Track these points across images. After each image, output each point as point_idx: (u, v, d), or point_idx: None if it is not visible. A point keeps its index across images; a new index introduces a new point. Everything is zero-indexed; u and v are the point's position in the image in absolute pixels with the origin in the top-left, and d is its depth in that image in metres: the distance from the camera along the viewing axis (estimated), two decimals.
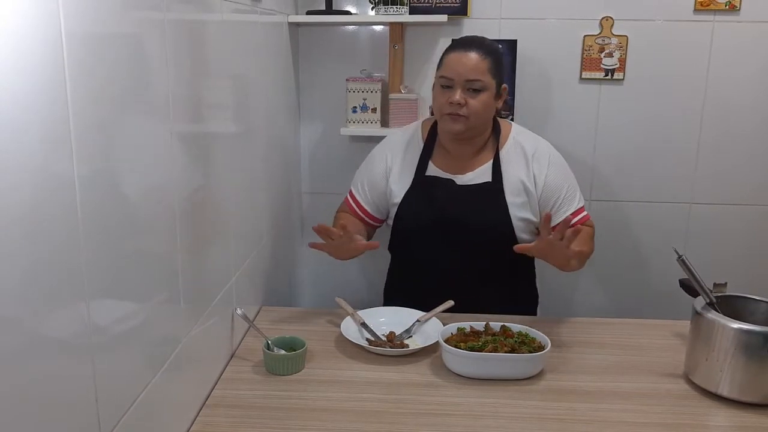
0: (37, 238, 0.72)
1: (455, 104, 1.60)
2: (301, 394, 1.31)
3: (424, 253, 1.74)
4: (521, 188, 1.69)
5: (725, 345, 1.26)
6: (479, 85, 1.60)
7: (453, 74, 1.61)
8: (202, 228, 1.27)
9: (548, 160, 1.71)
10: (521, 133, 1.77)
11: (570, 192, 1.72)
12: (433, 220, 1.70)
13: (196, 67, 1.22)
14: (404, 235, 1.76)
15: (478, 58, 1.61)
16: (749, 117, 2.20)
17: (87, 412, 0.84)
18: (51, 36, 0.74)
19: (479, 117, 1.63)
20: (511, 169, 1.70)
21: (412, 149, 1.77)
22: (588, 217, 1.76)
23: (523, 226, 1.70)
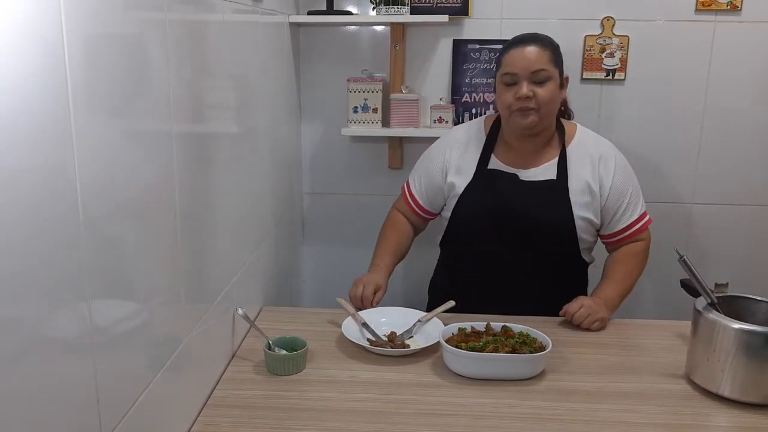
0: (39, 239, 0.72)
1: (523, 98, 1.59)
2: (302, 394, 1.31)
3: (482, 246, 1.73)
4: (586, 189, 1.68)
5: (726, 345, 1.25)
6: (544, 75, 1.60)
7: (517, 68, 1.60)
8: (203, 228, 1.27)
9: (614, 163, 1.71)
10: (586, 133, 1.76)
11: (634, 197, 1.72)
12: (495, 213, 1.69)
13: (197, 68, 1.22)
14: (462, 227, 1.74)
15: (539, 50, 1.61)
16: (751, 117, 2.20)
17: (88, 412, 0.84)
18: (52, 36, 0.74)
19: (549, 107, 1.63)
20: (576, 168, 1.69)
21: (474, 143, 1.77)
22: (649, 222, 1.75)
23: (584, 225, 1.69)
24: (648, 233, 1.77)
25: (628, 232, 1.72)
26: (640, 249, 1.74)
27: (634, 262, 1.73)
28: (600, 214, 1.71)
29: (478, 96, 2.24)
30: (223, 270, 1.41)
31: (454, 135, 1.82)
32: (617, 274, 1.71)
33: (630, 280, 1.72)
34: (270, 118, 1.84)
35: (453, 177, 1.75)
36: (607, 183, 1.69)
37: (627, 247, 1.75)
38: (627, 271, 1.72)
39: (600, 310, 1.60)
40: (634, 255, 1.74)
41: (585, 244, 1.73)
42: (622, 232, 1.72)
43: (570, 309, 1.58)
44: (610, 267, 1.75)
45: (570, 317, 1.58)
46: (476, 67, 2.22)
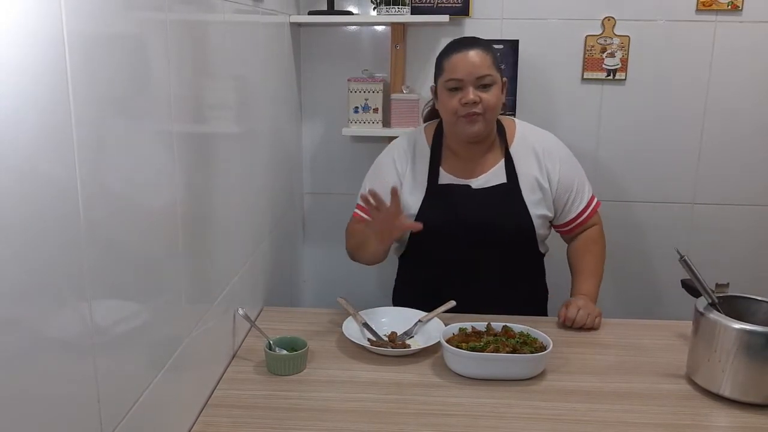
0: (39, 239, 0.72)
1: (470, 104, 1.59)
2: (303, 394, 1.31)
3: (443, 258, 1.72)
4: (536, 185, 1.70)
5: (727, 345, 1.25)
6: (490, 79, 1.60)
7: (462, 74, 1.59)
8: (203, 228, 1.27)
9: (558, 155, 1.73)
10: (527, 128, 1.77)
11: (580, 184, 1.75)
12: (454, 227, 1.68)
13: (198, 68, 1.22)
14: (423, 244, 1.73)
15: (482, 54, 1.61)
16: (752, 116, 2.20)
17: (89, 412, 0.84)
18: (53, 36, 0.74)
19: (495, 112, 1.64)
20: (523, 167, 1.70)
21: (419, 157, 1.74)
22: (598, 205, 1.79)
23: (540, 222, 1.71)
24: (598, 217, 1.80)
25: (579, 219, 1.76)
26: (596, 234, 1.79)
27: (597, 249, 1.77)
28: (552, 207, 1.73)
29: None
30: (223, 270, 1.41)
31: (398, 148, 1.78)
32: (588, 265, 1.74)
33: (599, 267, 1.76)
34: (270, 118, 1.84)
35: (406, 195, 1.72)
36: (554, 176, 1.71)
37: (583, 235, 1.78)
38: (594, 260, 1.75)
39: (592, 306, 1.63)
40: (593, 241, 1.77)
41: (541, 238, 1.76)
42: (574, 221, 1.76)
43: (570, 315, 1.59)
44: (578, 260, 1.77)
45: (572, 323, 1.59)
46: None
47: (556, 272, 1.90)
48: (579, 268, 1.75)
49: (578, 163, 1.78)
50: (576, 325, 1.59)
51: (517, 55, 2.19)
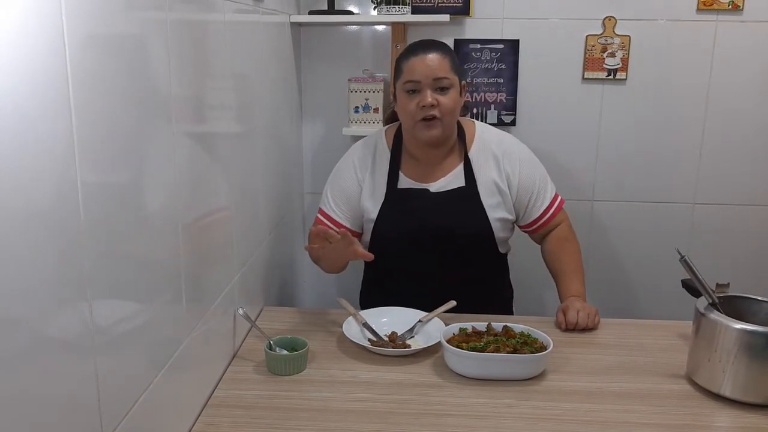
0: (40, 239, 0.72)
1: (427, 107, 1.58)
2: (303, 394, 1.31)
3: (404, 265, 1.73)
4: (495, 189, 1.70)
5: (728, 346, 1.25)
6: (447, 83, 1.60)
7: (419, 76, 1.59)
8: (204, 228, 1.27)
9: (518, 157, 1.73)
10: (486, 131, 1.76)
11: (542, 184, 1.75)
12: (412, 232, 1.68)
13: (198, 68, 1.22)
14: (383, 249, 1.71)
15: (440, 57, 1.60)
16: (753, 116, 2.20)
17: (89, 412, 0.84)
18: (53, 36, 0.74)
19: (452, 115, 1.63)
20: (482, 170, 1.70)
21: (379, 161, 1.74)
22: (562, 203, 1.79)
23: (500, 225, 1.71)
24: (564, 214, 1.80)
25: (544, 218, 1.76)
26: (566, 231, 1.79)
27: (571, 247, 1.77)
28: (513, 209, 1.73)
29: (479, 95, 2.24)
30: (223, 270, 1.41)
31: (358, 152, 1.78)
32: (568, 265, 1.74)
33: (579, 264, 1.75)
34: (271, 117, 1.84)
35: (366, 200, 1.72)
36: (514, 179, 1.71)
37: (554, 234, 1.78)
38: (572, 258, 1.75)
39: (587, 305, 1.63)
40: (566, 239, 1.78)
41: (501, 241, 1.75)
42: (539, 220, 1.76)
43: (571, 320, 1.58)
44: (556, 261, 1.76)
45: (574, 326, 1.58)
46: (477, 67, 2.22)
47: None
48: (560, 269, 1.74)
49: (539, 163, 1.77)
50: (578, 328, 1.58)
51: (517, 55, 2.19)
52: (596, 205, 2.31)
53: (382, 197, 1.71)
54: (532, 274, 1.94)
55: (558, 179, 2.26)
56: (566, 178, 2.28)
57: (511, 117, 2.24)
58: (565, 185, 2.29)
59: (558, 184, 2.31)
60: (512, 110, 2.23)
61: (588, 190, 2.30)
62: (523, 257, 1.89)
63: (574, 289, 1.69)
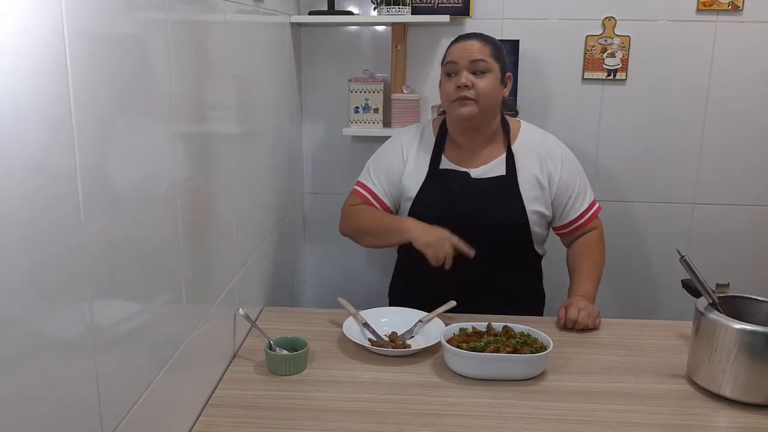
0: (40, 239, 0.72)
1: (462, 87, 1.63)
2: (303, 394, 1.31)
3: None
4: (535, 183, 1.72)
5: (728, 346, 1.25)
6: (483, 66, 1.63)
7: (456, 58, 1.65)
8: (204, 228, 1.27)
9: (560, 158, 1.75)
10: (531, 130, 1.80)
11: (582, 187, 1.76)
12: (450, 213, 1.70)
13: (199, 68, 1.22)
14: None
15: (480, 44, 1.66)
16: (752, 117, 2.20)
17: (90, 412, 0.84)
18: (54, 36, 0.74)
19: (488, 98, 1.65)
20: (524, 164, 1.72)
21: (424, 144, 1.79)
22: (599, 210, 1.80)
23: (536, 219, 1.72)
24: (599, 222, 1.81)
25: (579, 222, 1.77)
26: (596, 238, 1.80)
27: (596, 252, 1.78)
28: (551, 206, 1.74)
29: None
30: (224, 270, 1.41)
31: (404, 134, 1.84)
32: (585, 268, 1.75)
33: (598, 270, 1.76)
34: (271, 118, 1.84)
35: (407, 179, 1.76)
36: (555, 177, 1.73)
37: (583, 239, 1.79)
38: (593, 263, 1.76)
39: (591, 306, 1.63)
40: (593, 245, 1.78)
41: (538, 237, 1.76)
42: (574, 223, 1.77)
43: (570, 316, 1.59)
44: (576, 263, 1.77)
45: (573, 324, 1.58)
46: None
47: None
48: (577, 269, 1.76)
49: (581, 167, 1.79)
50: (577, 326, 1.59)
51: (517, 55, 2.19)
52: None
53: (423, 176, 1.75)
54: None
55: None
56: None
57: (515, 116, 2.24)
58: None
59: None
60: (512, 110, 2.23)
61: None
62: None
63: (583, 289, 1.69)
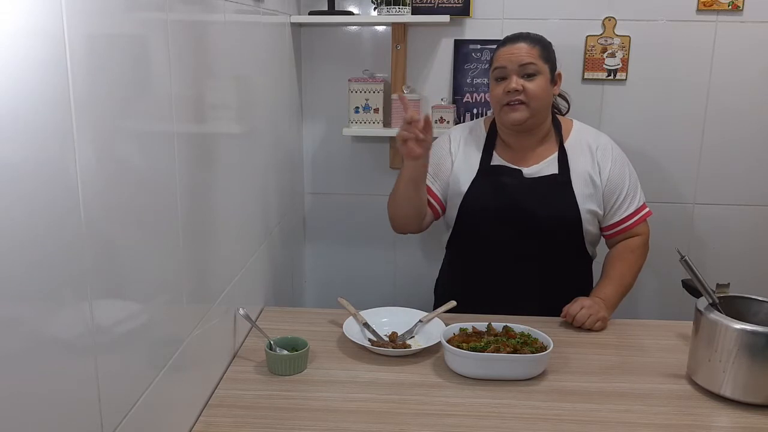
0: (40, 239, 0.72)
1: (512, 91, 1.62)
2: (304, 394, 1.31)
3: (489, 243, 1.73)
4: (588, 180, 1.71)
5: (728, 346, 1.25)
6: (533, 69, 1.63)
7: (505, 62, 1.64)
8: (204, 228, 1.27)
9: (611, 155, 1.74)
10: (584, 128, 1.80)
11: (632, 188, 1.74)
12: (501, 209, 1.70)
13: (199, 68, 1.22)
14: (469, 225, 1.75)
15: (528, 46, 1.65)
16: (753, 117, 2.20)
17: (90, 412, 0.84)
18: (54, 36, 0.74)
19: (539, 101, 1.65)
20: (577, 161, 1.72)
21: (474, 139, 1.79)
22: (648, 214, 1.77)
23: (590, 218, 1.71)
24: (646, 227, 1.78)
25: (625, 224, 1.74)
26: (638, 244, 1.76)
27: (632, 258, 1.75)
28: (602, 204, 1.73)
29: (479, 96, 2.24)
30: (224, 270, 1.41)
31: (456, 131, 1.84)
32: (615, 272, 1.72)
33: (629, 277, 1.73)
34: (271, 118, 1.84)
35: (457, 173, 1.76)
36: (605, 173, 1.72)
37: (625, 242, 1.77)
38: (625, 268, 1.73)
39: (600, 309, 1.60)
40: (631, 250, 1.75)
41: (590, 237, 1.75)
42: (620, 224, 1.75)
43: (571, 311, 1.59)
44: (609, 264, 1.76)
45: (571, 319, 1.58)
46: (477, 67, 2.21)
47: None
48: (607, 272, 1.74)
49: (633, 169, 1.78)
50: (576, 323, 1.58)
51: None
52: None
53: (474, 172, 1.74)
54: None
55: None
56: None
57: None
58: None
59: None
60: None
61: None
62: None
63: (604, 292, 1.67)
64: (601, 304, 1.62)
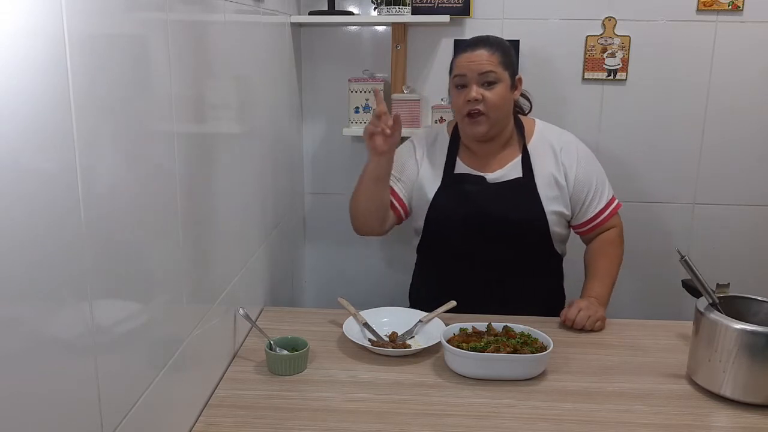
0: (40, 239, 0.72)
1: (472, 101, 1.61)
2: (303, 394, 1.31)
3: (457, 250, 1.74)
4: (553, 182, 1.71)
5: (728, 346, 1.25)
6: (493, 77, 1.62)
7: (465, 71, 1.63)
8: (204, 228, 1.27)
9: (576, 153, 1.74)
10: (546, 128, 1.79)
11: (599, 184, 1.75)
12: (467, 217, 1.70)
13: (199, 68, 1.22)
14: (436, 233, 1.75)
15: (488, 53, 1.63)
16: (753, 116, 2.20)
17: (90, 412, 0.84)
18: (54, 36, 0.74)
19: (498, 110, 1.64)
20: (540, 163, 1.71)
21: (439, 147, 1.78)
22: (618, 207, 1.78)
23: (556, 219, 1.71)
24: (618, 219, 1.80)
25: (597, 220, 1.75)
26: (614, 236, 1.78)
27: (613, 251, 1.76)
28: (570, 204, 1.73)
29: None
30: (224, 270, 1.41)
31: (419, 137, 1.83)
32: (601, 268, 1.73)
33: (614, 271, 1.74)
34: (271, 118, 1.84)
35: (423, 180, 1.76)
36: (571, 174, 1.72)
37: (601, 237, 1.78)
38: (609, 263, 1.74)
39: (597, 309, 1.61)
40: (610, 243, 1.77)
41: (558, 237, 1.75)
42: (592, 221, 1.76)
43: (569, 315, 1.59)
44: (592, 262, 1.76)
45: (571, 323, 1.58)
46: None
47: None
48: (592, 270, 1.75)
49: (599, 164, 1.78)
50: (576, 326, 1.58)
51: (517, 55, 2.19)
52: None
53: (438, 180, 1.74)
54: None
55: None
56: None
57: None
58: None
59: None
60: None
61: None
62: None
63: (596, 291, 1.68)
64: (596, 303, 1.63)
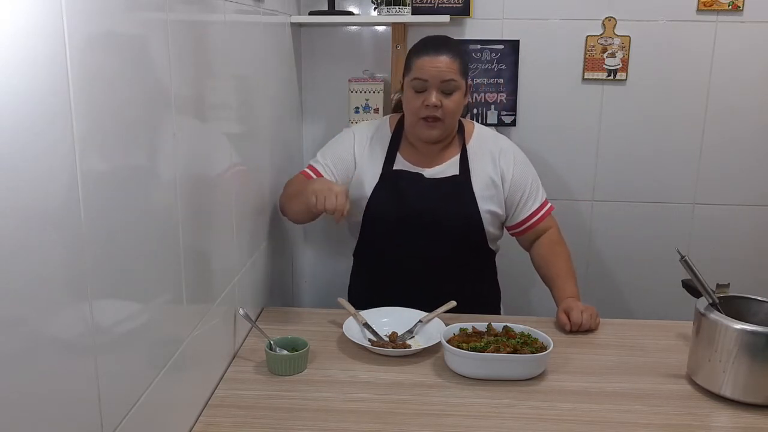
0: (41, 239, 0.72)
1: (431, 106, 1.61)
2: (303, 394, 1.31)
3: (394, 247, 1.74)
4: (489, 182, 1.73)
5: (728, 346, 1.25)
6: (453, 85, 1.62)
7: (428, 76, 1.61)
8: (205, 228, 1.27)
9: (513, 157, 1.76)
10: (485, 131, 1.81)
11: (534, 187, 1.78)
12: (404, 213, 1.71)
13: (199, 68, 1.22)
14: (373, 230, 1.76)
15: (450, 60, 1.62)
16: (753, 116, 2.20)
17: (90, 412, 0.84)
18: (54, 36, 0.74)
19: (453, 117, 1.67)
20: (478, 164, 1.73)
21: (379, 142, 1.78)
22: (551, 209, 1.81)
23: (490, 218, 1.73)
24: (553, 220, 1.82)
25: (532, 220, 1.78)
26: (557, 236, 1.81)
27: (563, 250, 1.78)
28: (504, 205, 1.75)
29: (479, 96, 2.24)
30: (224, 270, 1.41)
31: (361, 131, 1.82)
32: (562, 269, 1.74)
33: (572, 268, 1.76)
34: (271, 118, 1.84)
35: (361, 175, 1.75)
36: (507, 175, 1.74)
37: (546, 238, 1.80)
38: (565, 262, 1.76)
39: (587, 306, 1.62)
40: (557, 243, 1.79)
41: (492, 236, 1.77)
42: (527, 221, 1.78)
43: (575, 319, 1.58)
44: (549, 265, 1.76)
45: (578, 327, 1.58)
46: (477, 67, 2.22)
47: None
48: (554, 271, 1.74)
49: (533, 167, 1.80)
50: (583, 328, 1.58)
51: (517, 55, 2.19)
52: (596, 206, 2.31)
53: (377, 176, 1.74)
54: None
55: (558, 179, 2.27)
56: (566, 178, 2.29)
57: (512, 117, 2.24)
58: (565, 185, 2.29)
59: (558, 184, 2.31)
60: (512, 111, 2.23)
61: (588, 190, 2.30)
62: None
63: (570, 291, 1.69)
64: (578, 301, 1.64)
